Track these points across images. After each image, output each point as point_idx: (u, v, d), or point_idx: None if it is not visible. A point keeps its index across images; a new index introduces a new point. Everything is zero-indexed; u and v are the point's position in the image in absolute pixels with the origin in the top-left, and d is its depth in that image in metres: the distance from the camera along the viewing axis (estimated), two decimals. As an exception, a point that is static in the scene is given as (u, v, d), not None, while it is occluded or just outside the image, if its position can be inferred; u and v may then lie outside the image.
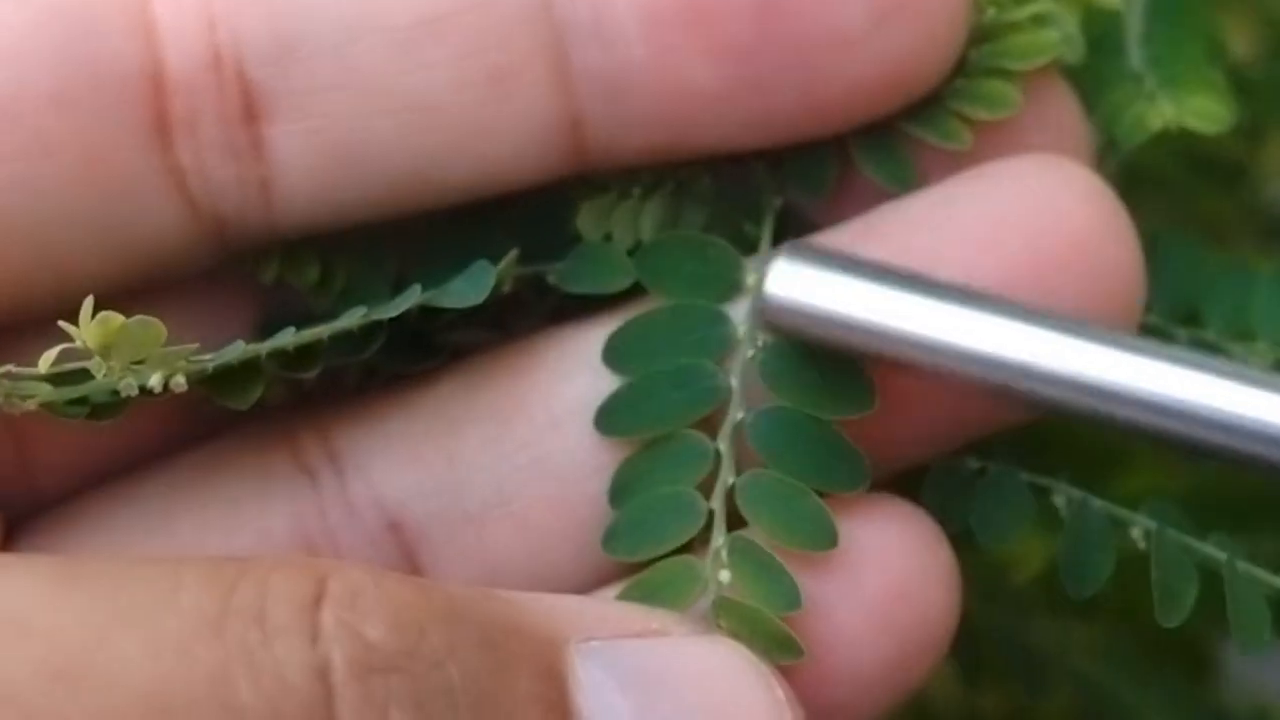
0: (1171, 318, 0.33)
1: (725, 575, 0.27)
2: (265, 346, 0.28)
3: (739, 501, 0.28)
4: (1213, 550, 0.29)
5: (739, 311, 0.29)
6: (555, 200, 0.31)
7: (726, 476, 0.28)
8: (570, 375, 0.30)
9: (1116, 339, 0.27)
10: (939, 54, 0.29)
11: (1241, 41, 0.39)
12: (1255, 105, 0.37)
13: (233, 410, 0.28)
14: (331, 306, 0.31)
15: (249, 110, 0.29)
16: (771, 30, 0.28)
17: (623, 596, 0.28)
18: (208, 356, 0.27)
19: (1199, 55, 0.34)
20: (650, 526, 0.28)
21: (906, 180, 0.30)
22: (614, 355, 0.29)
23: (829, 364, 0.28)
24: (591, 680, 0.25)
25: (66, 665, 0.22)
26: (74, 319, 0.29)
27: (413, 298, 0.28)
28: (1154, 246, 0.31)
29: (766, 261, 0.26)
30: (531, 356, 0.30)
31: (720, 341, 0.29)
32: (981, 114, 0.30)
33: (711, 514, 0.28)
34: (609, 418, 0.29)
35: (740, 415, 0.29)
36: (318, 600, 0.23)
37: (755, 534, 0.28)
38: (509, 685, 0.24)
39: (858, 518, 0.28)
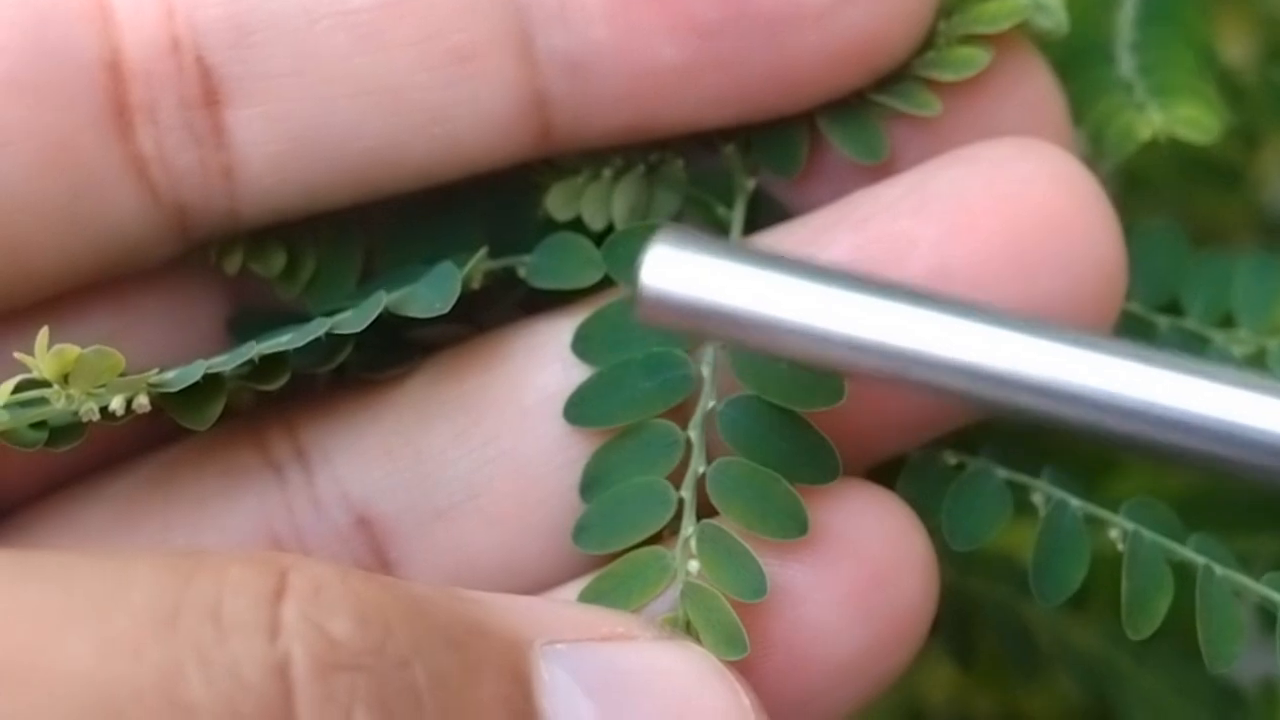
0: (1151, 306, 0.32)
1: (694, 564, 0.27)
2: (229, 363, 0.28)
3: (710, 490, 0.28)
4: (1191, 554, 0.29)
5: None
6: (525, 185, 0.30)
7: (697, 465, 0.28)
8: (540, 367, 0.29)
9: (1006, 320, 0.25)
10: (907, 25, 0.29)
11: (1237, 45, 0.39)
12: (1251, 109, 0.37)
13: None
14: (299, 296, 0.31)
15: (209, 96, 0.28)
16: (737, 5, 0.28)
17: (592, 587, 0.27)
18: (170, 375, 0.27)
19: (1189, 64, 0.34)
20: (620, 518, 0.28)
21: (878, 153, 0.30)
22: (584, 345, 0.29)
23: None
24: (556, 683, 0.24)
25: (9, 662, 0.21)
26: (36, 311, 0.29)
27: (378, 306, 0.28)
28: (1133, 234, 0.31)
29: (641, 250, 0.24)
30: (501, 349, 0.30)
31: None
32: (949, 76, 0.29)
33: (682, 503, 0.28)
34: (578, 408, 0.29)
35: (711, 404, 0.28)
36: (279, 595, 0.23)
37: (726, 523, 0.27)
38: (474, 687, 0.23)
39: (831, 505, 0.28)
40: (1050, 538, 0.29)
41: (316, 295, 0.31)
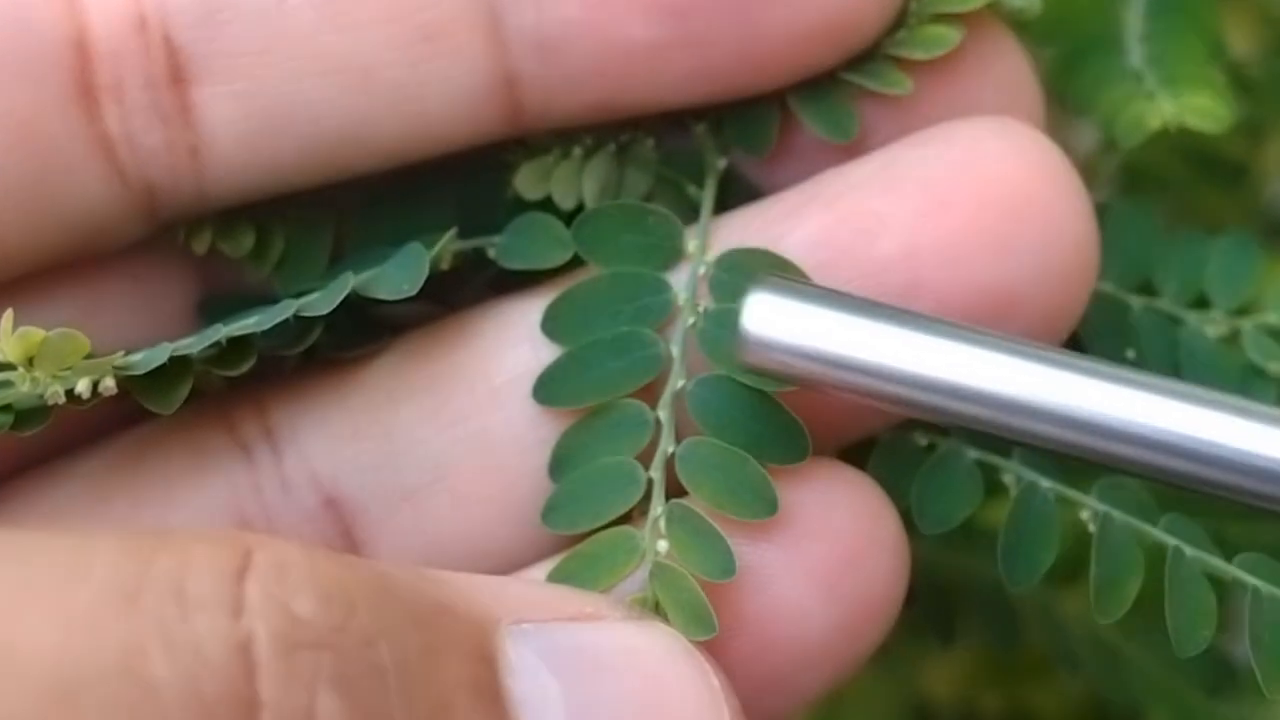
0: (1125, 286, 0.32)
1: (663, 545, 0.27)
2: (195, 346, 0.27)
3: (679, 470, 0.27)
4: (1162, 535, 0.29)
5: (680, 279, 0.29)
6: (495, 164, 0.30)
7: (666, 445, 0.28)
8: (510, 347, 0.29)
9: (1108, 372, 0.26)
10: (878, 4, 0.29)
11: (1242, 40, 0.39)
12: (1256, 104, 0.37)
13: None
14: (268, 277, 0.30)
15: (176, 74, 0.28)
16: None
17: (560, 568, 0.27)
18: (136, 358, 0.27)
19: (1199, 53, 0.34)
20: (589, 498, 0.28)
21: (848, 132, 0.30)
22: (553, 325, 0.29)
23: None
24: (523, 663, 0.24)
25: None
26: (2, 294, 0.28)
27: (345, 287, 0.28)
28: (1106, 214, 0.31)
29: (743, 296, 0.26)
30: (470, 329, 0.30)
31: (660, 309, 0.29)
32: (919, 55, 0.29)
33: (651, 483, 0.27)
34: (548, 388, 0.29)
35: (681, 383, 0.28)
36: (242, 573, 0.23)
37: (695, 503, 0.27)
38: (439, 667, 0.23)
39: (801, 485, 0.27)
40: (1020, 519, 0.29)
41: (286, 276, 0.30)
